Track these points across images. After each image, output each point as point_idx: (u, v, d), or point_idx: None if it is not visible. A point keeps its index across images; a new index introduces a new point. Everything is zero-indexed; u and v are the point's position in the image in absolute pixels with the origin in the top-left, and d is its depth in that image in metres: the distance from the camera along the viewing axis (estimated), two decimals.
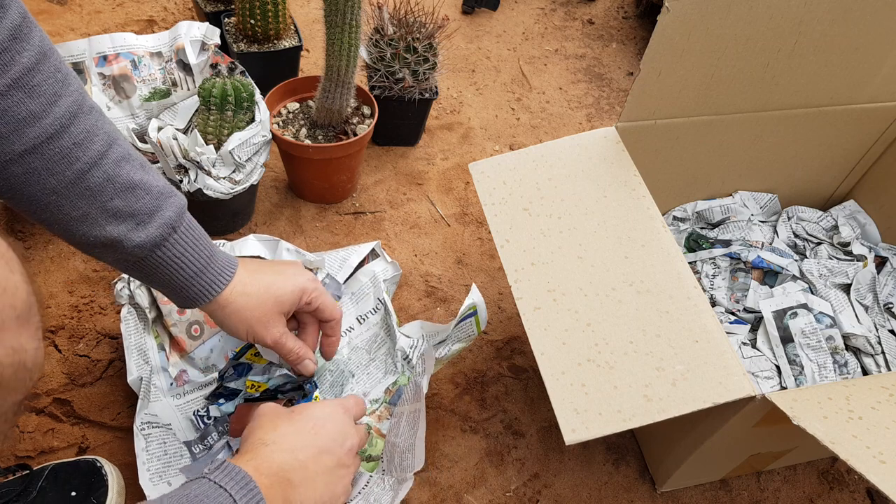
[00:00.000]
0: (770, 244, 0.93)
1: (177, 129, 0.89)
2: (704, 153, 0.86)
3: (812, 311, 0.82)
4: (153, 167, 0.57)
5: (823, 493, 0.81)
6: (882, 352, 0.82)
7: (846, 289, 0.88)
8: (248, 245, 0.81)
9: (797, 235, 0.96)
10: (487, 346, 0.90)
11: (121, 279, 0.77)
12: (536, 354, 0.59)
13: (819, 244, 0.94)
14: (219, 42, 0.96)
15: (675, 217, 0.95)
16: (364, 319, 0.86)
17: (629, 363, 0.58)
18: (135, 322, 0.76)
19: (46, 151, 0.48)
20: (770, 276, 0.89)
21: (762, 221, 0.96)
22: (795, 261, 0.90)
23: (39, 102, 0.47)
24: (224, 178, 0.86)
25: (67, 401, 0.77)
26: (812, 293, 0.86)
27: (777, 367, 0.80)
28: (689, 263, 0.90)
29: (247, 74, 0.94)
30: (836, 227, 0.95)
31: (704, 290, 0.88)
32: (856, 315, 0.85)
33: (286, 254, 0.81)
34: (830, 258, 0.92)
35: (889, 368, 0.81)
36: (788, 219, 0.97)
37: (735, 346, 0.82)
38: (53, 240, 0.91)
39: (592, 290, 0.63)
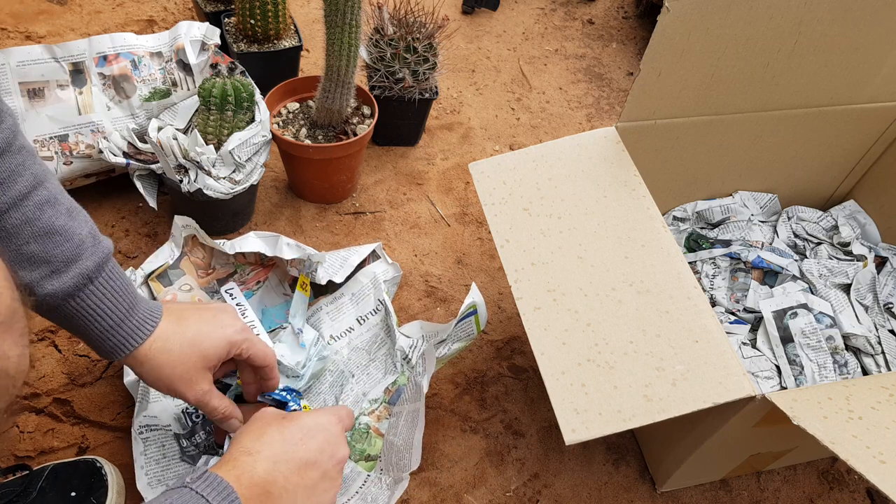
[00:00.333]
0: (770, 244, 0.93)
1: (177, 129, 0.89)
2: (704, 153, 0.86)
3: (812, 311, 0.82)
4: (82, 213, 0.55)
5: (823, 493, 0.81)
6: (882, 352, 0.82)
7: (846, 289, 0.88)
8: (249, 241, 0.81)
9: (797, 235, 0.96)
10: (487, 346, 0.90)
11: None
12: (536, 354, 0.59)
13: (819, 244, 0.94)
14: (219, 42, 0.96)
15: (675, 217, 0.95)
16: (364, 320, 0.86)
17: (629, 363, 0.58)
18: None
19: None
20: (770, 276, 0.89)
21: (762, 221, 0.96)
22: (795, 261, 0.90)
23: None
24: (224, 178, 0.86)
25: (67, 401, 0.77)
26: (812, 293, 0.86)
27: (777, 367, 0.80)
28: (689, 263, 0.90)
29: (247, 74, 0.94)
30: (836, 227, 0.95)
31: (704, 290, 0.88)
32: (856, 315, 0.85)
33: (286, 248, 0.81)
34: (830, 258, 0.92)
35: (889, 368, 0.81)
36: (788, 219, 0.97)
37: (735, 346, 0.82)
38: None
39: (592, 290, 0.63)
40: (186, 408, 0.73)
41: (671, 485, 0.77)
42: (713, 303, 0.88)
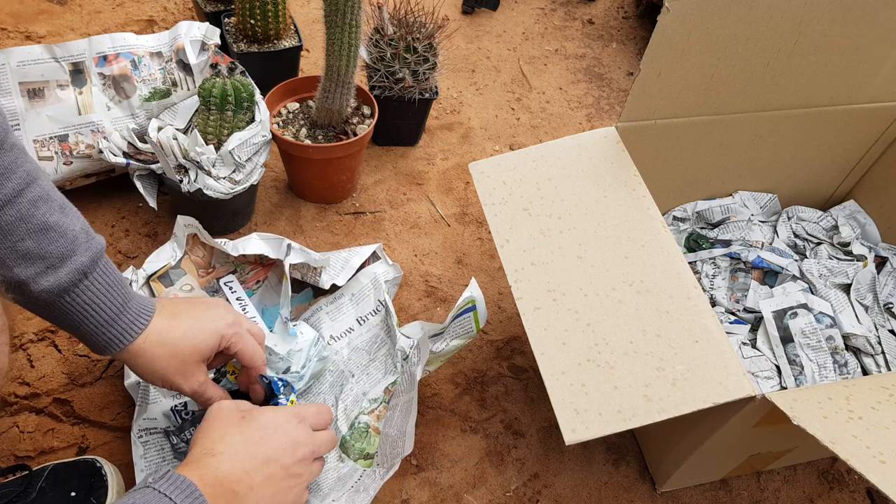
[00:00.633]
0: (770, 244, 0.93)
1: (177, 129, 0.89)
2: (704, 153, 0.86)
3: (812, 311, 0.82)
4: (73, 209, 0.55)
5: (823, 493, 0.81)
6: (882, 352, 0.82)
7: (846, 289, 0.88)
8: (252, 243, 0.81)
9: (797, 235, 0.96)
10: (487, 346, 0.90)
11: None
12: (536, 354, 0.59)
13: (819, 244, 0.94)
14: (219, 42, 0.96)
15: (675, 217, 0.95)
16: (364, 321, 0.86)
17: (629, 363, 0.58)
18: None
19: None
20: (770, 276, 0.89)
21: (762, 221, 0.96)
22: (795, 261, 0.90)
23: None
24: (224, 178, 0.86)
25: (67, 401, 0.77)
26: (812, 293, 0.86)
27: (777, 367, 0.80)
28: (689, 263, 0.90)
29: (247, 74, 0.94)
30: (836, 227, 0.95)
31: (704, 290, 0.88)
32: (856, 315, 0.85)
33: (292, 253, 0.81)
34: (830, 258, 0.92)
35: (889, 368, 0.81)
36: (788, 219, 0.97)
37: (735, 346, 0.82)
38: None
39: (592, 290, 0.63)
40: (175, 405, 0.73)
41: (671, 485, 0.77)
42: (713, 303, 0.88)
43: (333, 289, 0.87)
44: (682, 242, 0.94)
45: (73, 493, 0.66)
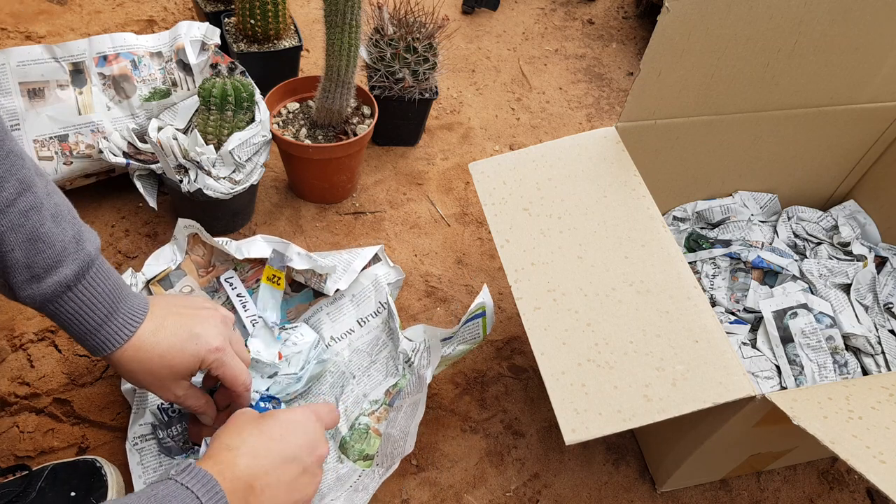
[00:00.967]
0: (770, 244, 0.93)
1: (177, 129, 0.89)
2: (704, 153, 0.86)
3: (812, 311, 0.82)
4: (67, 216, 0.55)
5: (823, 493, 0.81)
6: (882, 352, 0.82)
7: (846, 289, 0.88)
8: (256, 245, 0.81)
9: (797, 235, 0.96)
10: (487, 346, 0.90)
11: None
12: (536, 354, 0.59)
13: (819, 244, 0.94)
14: (219, 42, 0.96)
15: (675, 217, 0.95)
16: (365, 322, 0.86)
17: (629, 363, 0.58)
18: None
19: None
20: (770, 276, 0.89)
21: (762, 221, 0.96)
22: (795, 261, 0.90)
23: None
24: (224, 178, 0.86)
25: (67, 401, 0.77)
26: (812, 293, 0.86)
27: (777, 367, 0.80)
28: (689, 263, 0.90)
29: (247, 74, 0.94)
30: (836, 227, 0.95)
31: (704, 290, 0.88)
32: (856, 315, 0.85)
33: (297, 258, 0.80)
34: (830, 258, 0.92)
35: (889, 368, 0.81)
36: (788, 219, 0.97)
37: (735, 346, 0.82)
38: None
39: (592, 290, 0.63)
40: (162, 404, 0.74)
41: (671, 485, 0.77)
42: (713, 303, 0.88)
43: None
44: (682, 242, 0.94)
45: (73, 493, 0.66)
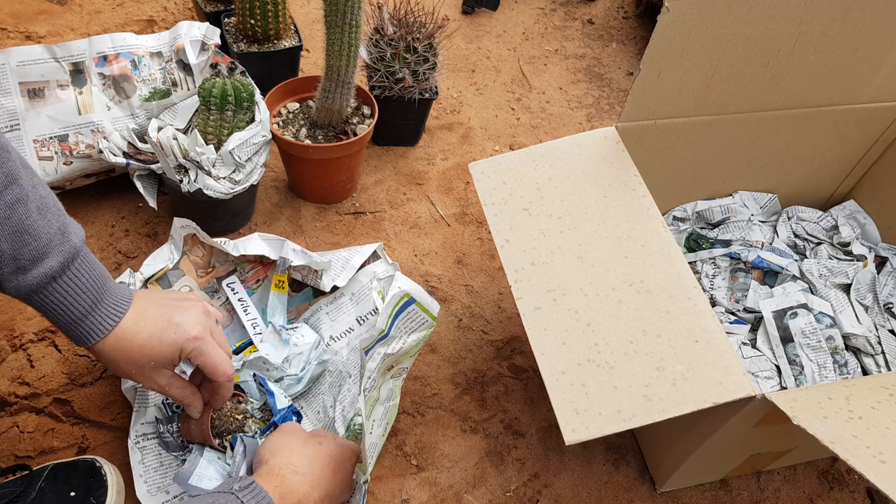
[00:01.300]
0: (770, 244, 0.93)
1: (177, 129, 0.89)
2: (704, 153, 0.86)
3: (812, 311, 0.82)
4: (52, 208, 0.55)
5: (823, 493, 0.81)
6: (882, 352, 0.82)
7: (846, 289, 0.88)
8: (253, 243, 0.81)
9: (797, 235, 0.96)
10: (487, 346, 0.90)
11: (120, 281, 0.77)
12: (536, 354, 0.59)
13: (819, 244, 0.94)
14: (219, 42, 0.96)
15: (675, 217, 0.95)
16: (364, 321, 0.86)
17: (629, 363, 0.58)
18: None
19: None
20: (770, 276, 0.89)
21: (762, 221, 0.96)
22: (795, 261, 0.90)
23: None
24: (224, 178, 0.86)
25: (67, 401, 0.77)
26: (812, 293, 0.86)
27: (777, 367, 0.80)
28: (689, 263, 0.90)
29: (247, 74, 0.94)
30: (836, 227, 0.95)
31: (704, 290, 0.88)
32: (856, 315, 0.85)
33: (292, 254, 0.80)
34: (830, 258, 0.92)
35: (889, 368, 0.81)
36: (788, 219, 0.97)
37: (735, 346, 0.82)
38: None
39: (592, 290, 0.63)
40: (165, 399, 0.74)
41: (671, 485, 0.77)
42: (713, 303, 0.88)
43: (334, 288, 0.87)
44: (682, 242, 0.94)
45: (73, 493, 0.66)
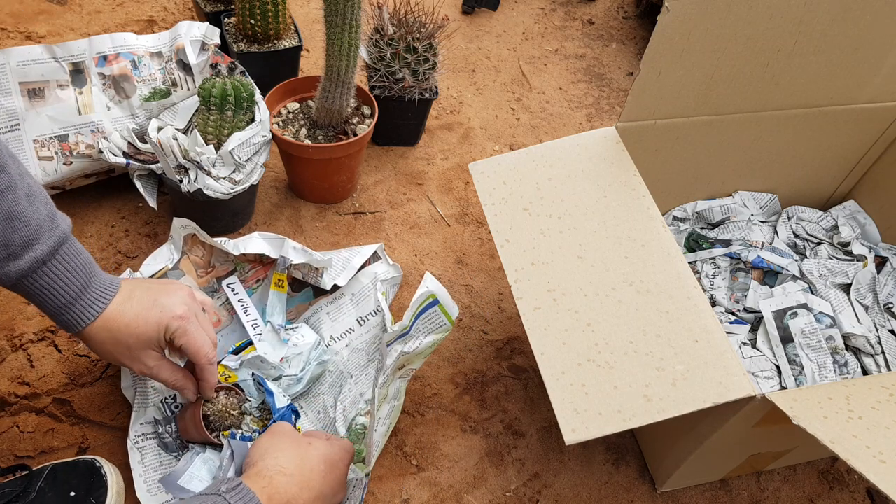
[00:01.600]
0: (770, 244, 0.93)
1: (177, 129, 0.89)
2: (704, 153, 0.86)
3: (812, 311, 0.82)
4: (40, 195, 0.56)
5: (823, 493, 0.81)
6: (882, 352, 0.82)
7: (846, 289, 0.88)
8: (253, 242, 0.81)
9: (797, 235, 0.96)
10: (487, 346, 0.90)
11: None
12: (536, 354, 0.59)
13: (819, 244, 0.94)
14: (219, 42, 0.96)
15: (675, 217, 0.95)
16: (364, 321, 0.86)
17: (629, 363, 0.58)
18: None
19: None
20: (770, 276, 0.89)
21: (762, 221, 0.96)
22: (795, 261, 0.90)
23: None
24: (224, 178, 0.86)
25: (67, 401, 0.77)
26: (812, 293, 0.86)
27: (777, 367, 0.80)
28: (689, 263, 0.90)
29: (247, 74, 0.94)
30: (836, 227, 0.95)
31: (704, 290, 0.88)
32: (856, 315, 0.85)
33: (292, 252, 0.81)
34: (830, 258, 0.92)
35: (889, 368, 0.81)
36: (788, 219, 0.97)
37: (735, 346, 0.82)
38: None
39: (592, 290, 0.63)
40: (166, 398, 0.74)
41: (671, 485, 0.77)
42: (713, 303, 0.88)
43: (334, 288, 0.87)
44: (682, 242, 0.94)
45: (73, 493, 0.66)
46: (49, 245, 0.56)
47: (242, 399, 0.73)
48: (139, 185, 0.89)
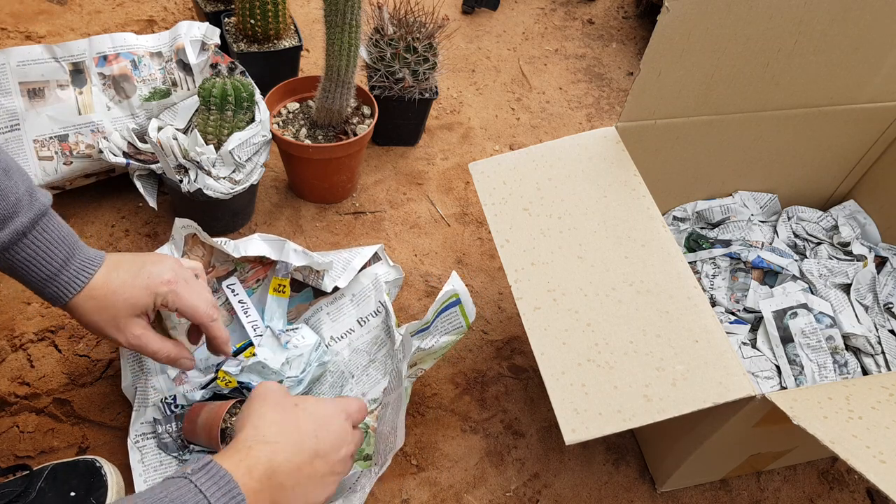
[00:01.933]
0: (770, 244, 0.93)
1: (177, 129, 0.89)
2: (704, 153, 0.86)
3: (812, 311, 0.82)
4: (18, 171, 0.57)
5: (823, 493, 0.81)
6: (882, 352, 0.82)
7: (846, 289, 0.88)
8: (253, 244, 0.81)
9: (797, 235, 0.96)
10: (487, 346, 0.90)
11: None
12: (536, 354, 0.59)
13: (819, 244, 0.94)
14: (219, 42, 0.96)
15: (675, 217, 0.95)
16: (365, 322, 0.86)
17: (629, 363, 0.58)
18: None
19: None
20: (770, 276, 0.89)
21: (762, 221, 0.96)
22: (795, 261, 0.90)
23: None
24: (224, 178, 0.86)
25: (67, 401, 0.77)
26: (812, 293, 0.86)
27: (777, 367, 0.80)
28: (689, 263, 0.90)
29: (247, 74, 0.94)
30: (836, 227, 0.95)
31: (704, 290, 0.88)
32: (856, 315, 0.85)
33: (293, 255, 0.80)
34: (830, 258, 0.92)
35: (889, 368, 0.81)
36: (788, 219, 0.97)
37: (735, 346, 0.82)
38: None
39: (592, 290, 0.63)
40: (166, 397, 0.74)
41: (671, 485, 0.77)
42: (713, 303, 0.88)
43: (335, 289, 0.87)
44: (682, 242, 0.94)
45: (73, 493, 0.65)
46: (29, 217, 0.56)
47: None
48: (139, 185, 0.89)
